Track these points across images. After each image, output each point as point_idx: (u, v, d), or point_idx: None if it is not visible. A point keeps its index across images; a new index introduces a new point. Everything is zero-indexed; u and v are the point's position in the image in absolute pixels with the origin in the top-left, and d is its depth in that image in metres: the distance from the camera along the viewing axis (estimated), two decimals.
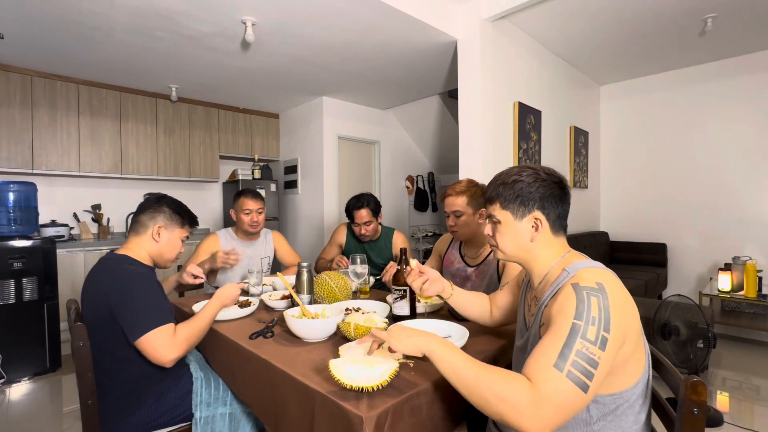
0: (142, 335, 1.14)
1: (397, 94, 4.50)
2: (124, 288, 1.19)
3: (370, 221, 2.26)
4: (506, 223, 0.94)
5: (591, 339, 0.71)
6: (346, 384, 0.84)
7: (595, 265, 0.85)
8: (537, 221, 0.91)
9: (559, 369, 0.70)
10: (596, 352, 0.71)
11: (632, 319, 0.79)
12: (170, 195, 1.46)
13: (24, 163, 3.42)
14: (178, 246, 1.43)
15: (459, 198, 1.65)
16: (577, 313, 0.74)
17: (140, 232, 1.36)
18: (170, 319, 1.21)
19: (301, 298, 1.52)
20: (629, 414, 0.81)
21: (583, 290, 0.77)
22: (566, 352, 0.71)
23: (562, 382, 0.69)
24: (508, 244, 0.95)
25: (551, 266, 0.91)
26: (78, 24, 2.66)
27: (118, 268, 1.25)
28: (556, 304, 0.79)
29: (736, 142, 3.82)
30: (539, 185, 0.91)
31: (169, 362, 1.16)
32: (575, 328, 0.73)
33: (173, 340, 1.17)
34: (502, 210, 0.94)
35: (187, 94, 4.26)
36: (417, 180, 5.64)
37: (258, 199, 2.19)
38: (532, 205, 0.91)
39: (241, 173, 4.60)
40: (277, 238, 2.41)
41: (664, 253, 4.18)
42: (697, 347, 2.30)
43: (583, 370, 0.70)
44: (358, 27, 2.80)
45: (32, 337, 2.74)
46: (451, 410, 0.96)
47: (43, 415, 2.25)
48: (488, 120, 2.90)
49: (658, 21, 3.05)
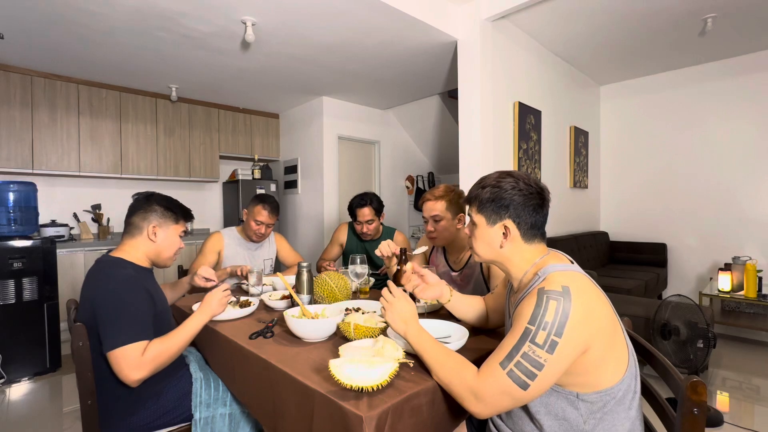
0: (111, 350, 1.11)
1: (397, 94, 4.50)
2: (107, 296, 1.17)
3: (372, 220, 2.28)
4: (480, 227, 0.97)
5: (539, 343, 0.77)
6: (345, 384, 0.84)
7: (568, 269, 0.86)
8: (507, 229, 0.93)
9: (502, 367, 0.79)
10: (543, 355, 0.76)
11: (601, 323, 0.80)
12: (169, 194, 1.45)
13: (24, 163, 3.42)
14: (176, 243, 1.40)
15: (438, 203, 1.63)
16: (531, 318, 0.79)
17: (135, 234, 1.33)
18: (144, 336, 1.16)
19: (301, 298, 1.52)
20: (619, 410, 0.82)
21: (545, 294, 0.80)
22: (513, 353, 0.79)
23: (502, 379, 0.78)
24: (480, 247, 0.99)
25: (525, 270, 0.93)
26: (78, 24, 2.66)
27: (109, 272, 1.22)
28: (519, 307, 0.84)
29: (736, 142, 3.82)
30: (515, 194, 0.92)
31: (132, 383, 1.11)
32: (526, 332, 0.78)
33: (139, 360, 1.11)
34: (477, 213, 0.98)
35: (187, 94, 4.26)
36: (417, 180, 5.64)
37: (274, 213, 2.19)
38: (503, 213, 0.93)
39: (241, 173, 4.60)
40: (279, 239, 2.43)
41: (664, 253, 4.18)
42: (697, 347, 2.30)
43: (525, 370, 0.77)
44: (358, 27, 2.80)
45: (32, 337, 2.74)
46: (452, 410, 0.96)
47: (43, 415, 2.25)
48: (488, 120, 2.90)
49: (658, 21, 3.05)
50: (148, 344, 1.16)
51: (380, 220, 2.35)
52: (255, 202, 2.18)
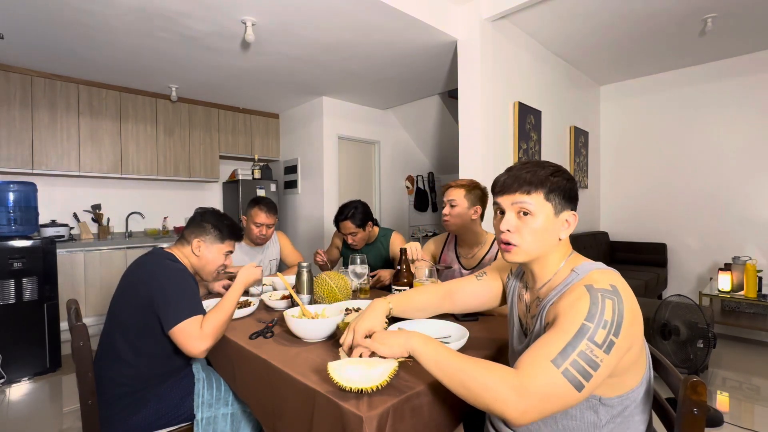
0: (177, 324, 1.19)
1: (397, 94, 4.50)
2: (167, 278, 1.27)
3: (355, 232, 2.17)
4: (543, 217, 0.85)
5: (598, 342, 0.71)
6: (345, 386, 0.83)
7: (604, 267, 0.84)
8: (567, 221, 0.87)
9: (556, 365, 0.70)
10: (600, 355, 0.70)
11: (641, 324, 0.78)
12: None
13: (24, 163, 3.42)
14: (218, 260, 1.49)
15: (458, 190, 1.71)
16: (589, 315, 0.73)
17: (183, 244, 1.46)
18: (200, 311, 1.26)
19: (301, 298, 1.52)
20: (636, 414, 0.81)
21: (598, 292, 0.75)
22: (569, 351, 0.70)
23: (556, 377, 0.69)
24: (536, 240, 0.85)
25: (559, 267, 0.88)
26: (78, 24, 2.66)
27: (162, 262, 1.32)
28: (566, 303, 0.77)
29: (736, 142, 3.82)
30: (574, 184, 0.88)
31: (199, 353, 1.20)
32: (584, 329, 0.72)
33: (200, 332, 1.20)
34: (545, 201, 0.85)
35: (187, 94, 4.26)
36: (417, 180, 5.64)
37: (272, 213, 2.19)
38: (574, 203, 0.88)
39: (241, 173, 4.60)
40: (282, 237, 2.42)
41: (664, 253, 4.18)
42: (697, 347, 2.30)
43: (581, 370, 0.70)
44: (358, 27, 2.80)
45: (32, 337, 2.74)
46: (453, 410, 0.96)
47: (43, 415, 2.25)
48: (488, 120, 2.90)
49: (658, 21, 3.05)
50: (203, 318, 1.25)
51: (367, 230, 2.22)
52: (251, 206, 2.19)
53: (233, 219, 1.57)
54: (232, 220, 1.55)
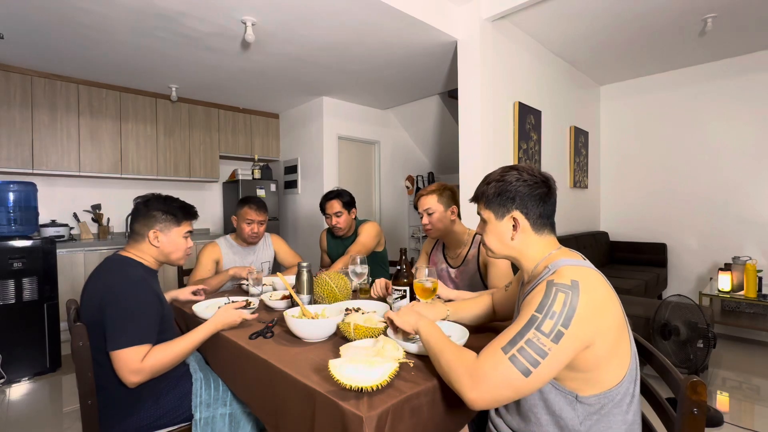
0: (115, 350, 1.14)
1: (397, 94, 4.50)
2: (117, 295, 1.19)
3: (341, 212, 2.29)
4: (490, 222, 0.97)
5: (545, 331, 0.76)
6: (345, 384, 0.84)
7: (579, 264, 0.85)
8: (515, 221, 0.93)
9: (504, 352, 0.77)
10: (547, 344, 0.75)
11: (608, 321, 0.79)
12: (169, 194, 1.44)
13: (24, 163, 3.42)
14: (182, 244, 1.41)
15: (429, 197, 1.72)
16: (539, 306, 0.79)
17: (138, 240, 1.35)
18: (148, 340, 1.18)
19: (301, 298, 1.52)
20: (616, 413, 0.82)
21: (554, 286, 0.80)
22: (517, 339, 0.77)
23: (503, 364, 0.76)
24: (493, 243, 0.99)
25: (537, 263, 0.93)
26: (78, 24, 2.66)
27: (118, 271, 1.25)
28: (528, 298, 0.84)
29: (736, 142, 3.82)
30: (520, 185, 0.93)
31: (130, 384, 1.15)
32: (532, 319, 0.78)
33: (139, 366, 1.14)
34: (485, 209, 0.98)
35: (187, 94, 4.26)
36: (417, 180, 5.64)
37: (262, 210, 2.18)
38: (510, 205, 0.94)
39: (241, 173, 4.60)
40: (276, 241, 2.41)
41: (664, 253, 4.18)
42: (697, 347, 2.30)
43: (529, 357, 0.75)
44: (358, 27, 2.80)
45: (32, 337, 2.74)
46: (453, 411, 0.96)
47: (43, 415, 2.25)
48: (488, 120, 2.90)
49: (658, 21, 3.05)
50: (150, 349, 1.18)
51: (352, 215, 2.35)
52: (240, 206, 2.18)
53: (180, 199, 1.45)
54: (179, 200, 1.44)
